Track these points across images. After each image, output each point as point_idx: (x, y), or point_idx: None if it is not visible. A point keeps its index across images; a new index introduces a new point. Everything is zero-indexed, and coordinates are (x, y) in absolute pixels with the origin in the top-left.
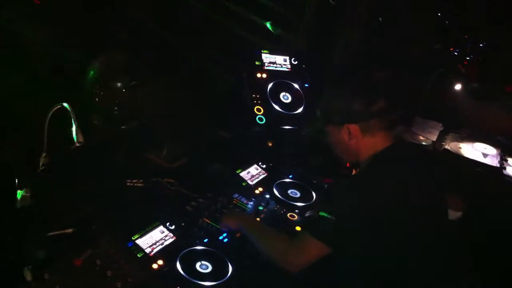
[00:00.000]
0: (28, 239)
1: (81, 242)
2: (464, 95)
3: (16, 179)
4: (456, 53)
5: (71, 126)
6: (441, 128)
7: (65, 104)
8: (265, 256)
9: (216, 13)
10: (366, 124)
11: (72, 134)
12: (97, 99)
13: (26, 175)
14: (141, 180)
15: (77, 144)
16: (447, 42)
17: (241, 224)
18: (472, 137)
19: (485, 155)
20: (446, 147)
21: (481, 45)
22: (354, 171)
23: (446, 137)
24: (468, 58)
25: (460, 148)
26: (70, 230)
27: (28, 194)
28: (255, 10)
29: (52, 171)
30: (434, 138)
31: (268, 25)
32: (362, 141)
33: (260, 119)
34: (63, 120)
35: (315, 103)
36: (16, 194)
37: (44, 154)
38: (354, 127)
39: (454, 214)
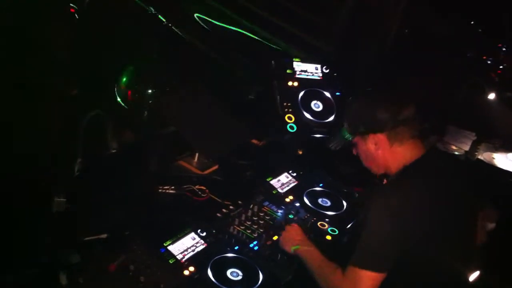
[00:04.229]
0: (64, 244)
1: (115, 247)
2: (498, 104)
3: (52, 185)
4: (489, 62)
5: (107, 133)
6: (474, 138)
7: (101, 111)
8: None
9: (247, 21)
10: (393, 132)
11: (107, 141)
12: (129, 106)
13: (61, 180)
14: (172, 187)
15: (112, 150)
16: (480, 50)
17: (300, 252)
18: (506, 147)
19: None
20: (479, 157)
21: None
22: (385, 180)
23: (479, 147)
24: (501, 66)
25: (493, 158)
26: (104, 236)
27: (64, 200)
28: (286, 18)
29: (87, 177)
30: (466, 148)
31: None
32: (390, 151)
33: (291, 127)
34: (99, 126)
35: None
36: (51, 199)
37: (79, 160)
38: (380, 137)
39: (487, 226)
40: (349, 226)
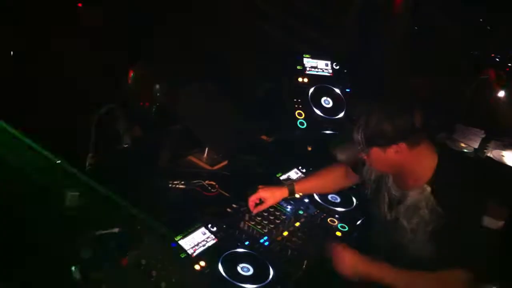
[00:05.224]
0: (76, 238)
1: (127, 241)
2: (507, 102)
3: (64, 179)
4: (497, 59)
5: (120, 128)
6: (483, 136)
7: (114, 106)
8: None
9: (257, 18)
10: (413, 139)
11: (120, 135)
12: (138, 101)
13: (74, 175)
14: (183, 182)
15: (125, 145)
16: (488, 47)
17: (372, 274)
18: None
19: None
20: (488, 154)
21: None
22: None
23: (488, 144)
24: (510, 64)
25: (502, 156)
26: (116, 230)
27: (77, 194)
28: (296, 15)
29: (99, 171)
30: (476, 145)
31: None
32: (410, 155)
33: (301, 123)
34: (111, 121)
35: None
36: (64, 194)
37: (91, 154)
38: (401, 146)
39: (496, 223)
40: (359, 222)
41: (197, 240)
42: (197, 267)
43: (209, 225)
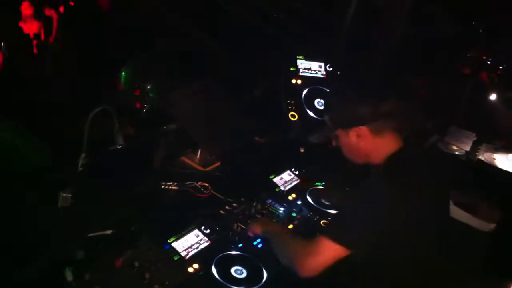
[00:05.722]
0: (69, 240)
1: (120, 243)
2: (499, 104)
3: (57, 180)
4: (489, 62)
5: (113, 128)
6: (475, 138)
7: (108, 106)
8: (283, 261)
9: (253, 18)
10: (374, 125)
11: (113, 136)
12: (129, 100)
13: (66, 176)
14: (175, 184)
15: (118, 146)
16: (480, 50)
17: (265, 230)
18: (507, 148)
19: None
20: (480, 157)
21: None
22: None
23: (479, 147)
24: (501, 67)
25: (494, 159)
26: (109, 232)
27: (69, 195)
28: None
29: (92, 172)
30: (467, 148)
31: None
32: (373, 142)
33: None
34: (105, 121)
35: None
36: (57, 194)
37: (84, 155)
38: (363, 129)
39: (487, 226)
40: None
41: (190, 242)
42: (190, 269)
43: (203, 227)
